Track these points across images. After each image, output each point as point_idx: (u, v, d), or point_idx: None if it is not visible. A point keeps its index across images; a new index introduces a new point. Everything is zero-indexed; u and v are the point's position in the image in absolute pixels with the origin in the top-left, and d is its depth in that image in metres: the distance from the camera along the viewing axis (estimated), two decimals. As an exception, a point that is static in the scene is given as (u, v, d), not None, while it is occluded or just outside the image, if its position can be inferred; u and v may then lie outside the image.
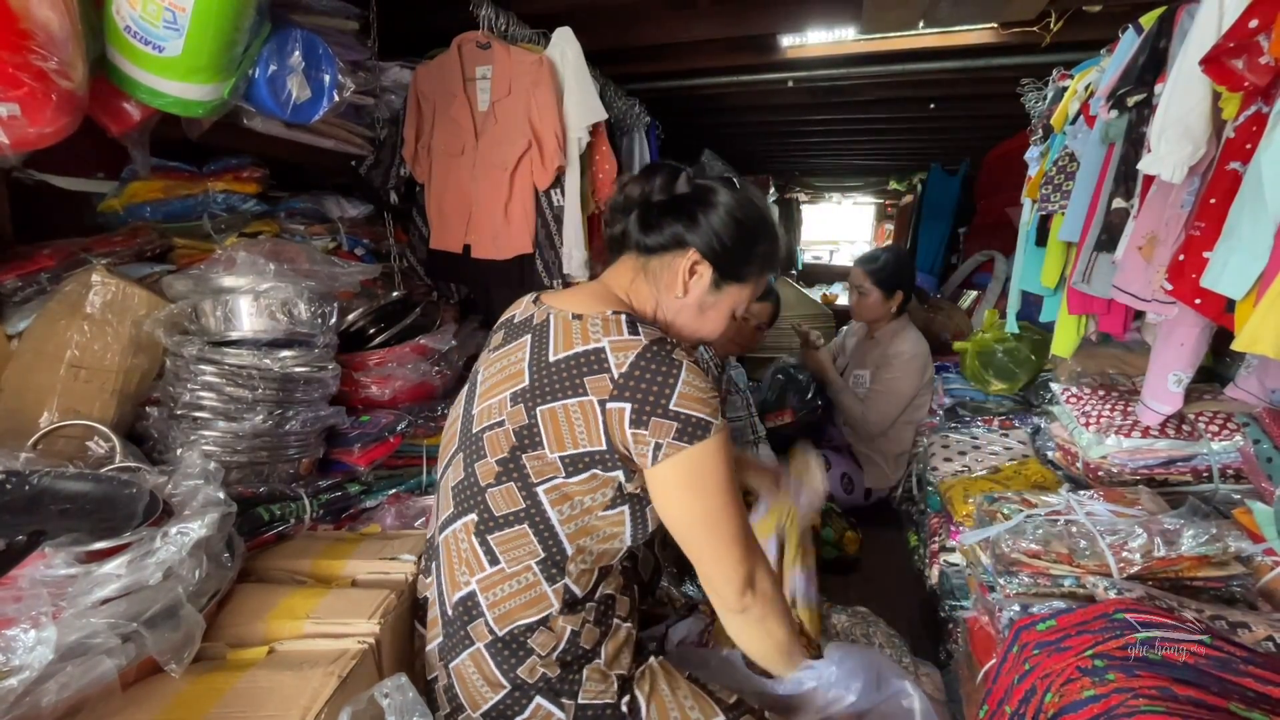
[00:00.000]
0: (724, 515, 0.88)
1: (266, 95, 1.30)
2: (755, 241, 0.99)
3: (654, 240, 0.96)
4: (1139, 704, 0.76)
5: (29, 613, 0.74)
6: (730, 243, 0.95)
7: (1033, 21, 1.95)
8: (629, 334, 0.87)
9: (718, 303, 1.00)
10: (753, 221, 0.98)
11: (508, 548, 0.88)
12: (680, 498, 0.87)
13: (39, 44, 0.90)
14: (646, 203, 0.97)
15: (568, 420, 0.85)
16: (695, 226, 0.95)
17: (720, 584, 0.91)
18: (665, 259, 0.97)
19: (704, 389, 0.85)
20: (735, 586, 0.90)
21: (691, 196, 0.96)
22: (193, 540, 0.89)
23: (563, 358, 0.87)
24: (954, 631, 1.47)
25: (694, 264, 0.96)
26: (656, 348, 0.86)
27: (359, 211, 1.95)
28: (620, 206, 1.01)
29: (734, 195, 0.97)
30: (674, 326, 1.00)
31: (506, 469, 0.88)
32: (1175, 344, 1.27)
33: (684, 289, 0.97)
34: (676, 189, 0.97)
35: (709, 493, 0.87)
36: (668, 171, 0.98)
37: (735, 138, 4.51)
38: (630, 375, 0.84)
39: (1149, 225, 1.20)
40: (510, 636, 0.87)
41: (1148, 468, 1.41)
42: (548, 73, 1.84)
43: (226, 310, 1.30)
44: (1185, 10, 1.15)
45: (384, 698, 0.77)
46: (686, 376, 0.85)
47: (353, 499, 1.39)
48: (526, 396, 0.87)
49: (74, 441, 1.18)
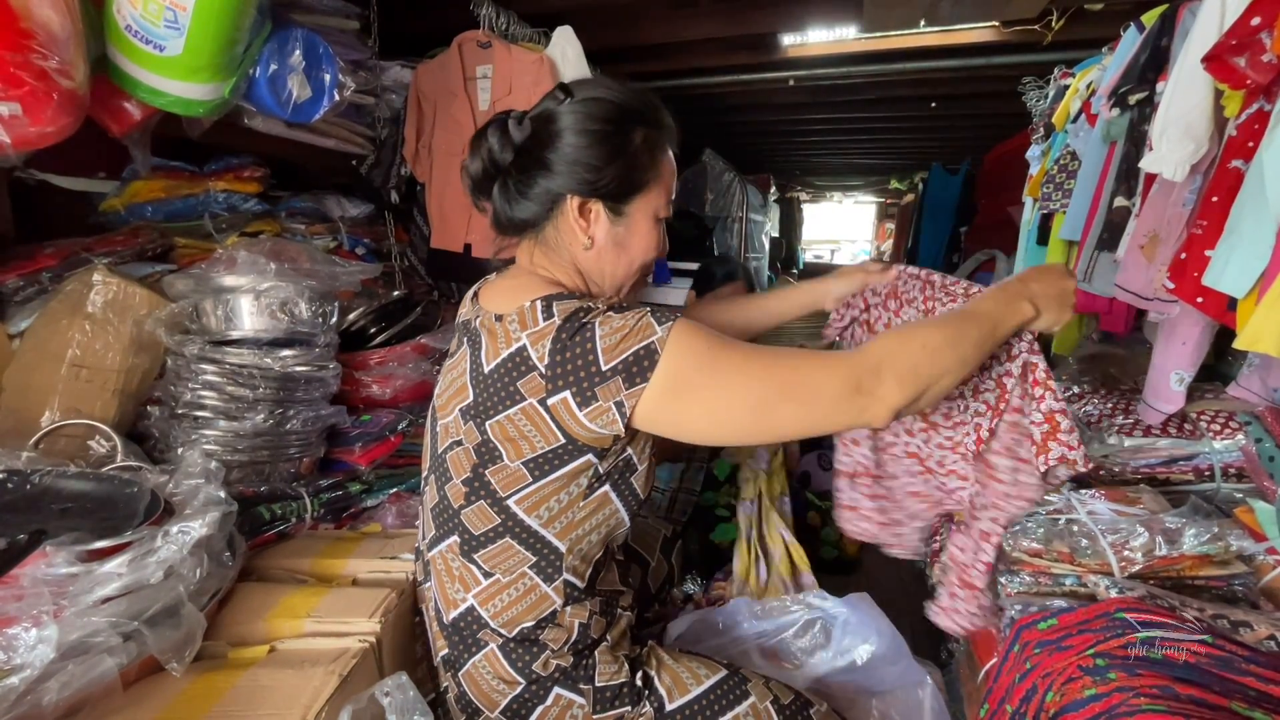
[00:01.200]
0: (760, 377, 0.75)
1: (267, 94, 1.30)
2: (627, 139, 0.84)
3: (527, 211, 0.86)
4: (1140, 703, 0.76)
5: (30, 611, 0.74)
6: (600, 162, 0.82)
7: (1034, 20, 1.95)
8: (543, 321, 0.78)
9: (631, 225, 0.88)
10: (611, 122, 0.83)
11: (497, 562, 0.85)
12: (695, 413, 0.76)
13: (40, 43, 0.90)
14: (496, 171, 0.86)
15: (517, 429, 0.80)
16: (554, 171, 0.83)
17: (842, 423, 0.77)
18: (552, 222, 0.86)
19: (623, 324, 0.75)
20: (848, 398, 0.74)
21: (535, 139, 0.84)
22: (194, 539, 0.89)
23: (494, 366, 0.80)
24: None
25: (580, 207, 0.85)
26: (569, 323, 0.76)
27: (360, 211, 1.95)
28: (475, 189, 0.90)
29: (574, 106, 0.83)
30: (605, 275, 0.90)
31: (473, 488, 0.84)
32: (1177, 343, 1.27)
33: (587, 238, 0.86)
34: (514, 139, 0.84)
35: (718, 378, 0.74)
36: (497, 125, 0.85)
37: (736, 137, 4.51)
38: (554, 364, 0.76)
39: (1151, 224, 1.20)
40: (521, 636, 0.86)
41: (1149, 466, 1.41)
42: (548, 72, 1.84)
43: (227, 309, 1.30)
44: (1187, 8, 1.15)
45: (384, 696, 0.77)
46: (600, 331, 0.75)
47: (354, 498, 1.39)
48: (474, 413, 0.82)
49: (75, 441, 1.18)
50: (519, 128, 0.84)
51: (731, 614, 1.15)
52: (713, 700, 0.88)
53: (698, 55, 2.53)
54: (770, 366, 0.76)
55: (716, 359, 0.75)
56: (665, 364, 0.74)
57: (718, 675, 0.91)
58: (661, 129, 0.89)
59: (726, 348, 0.76)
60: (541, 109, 0.86)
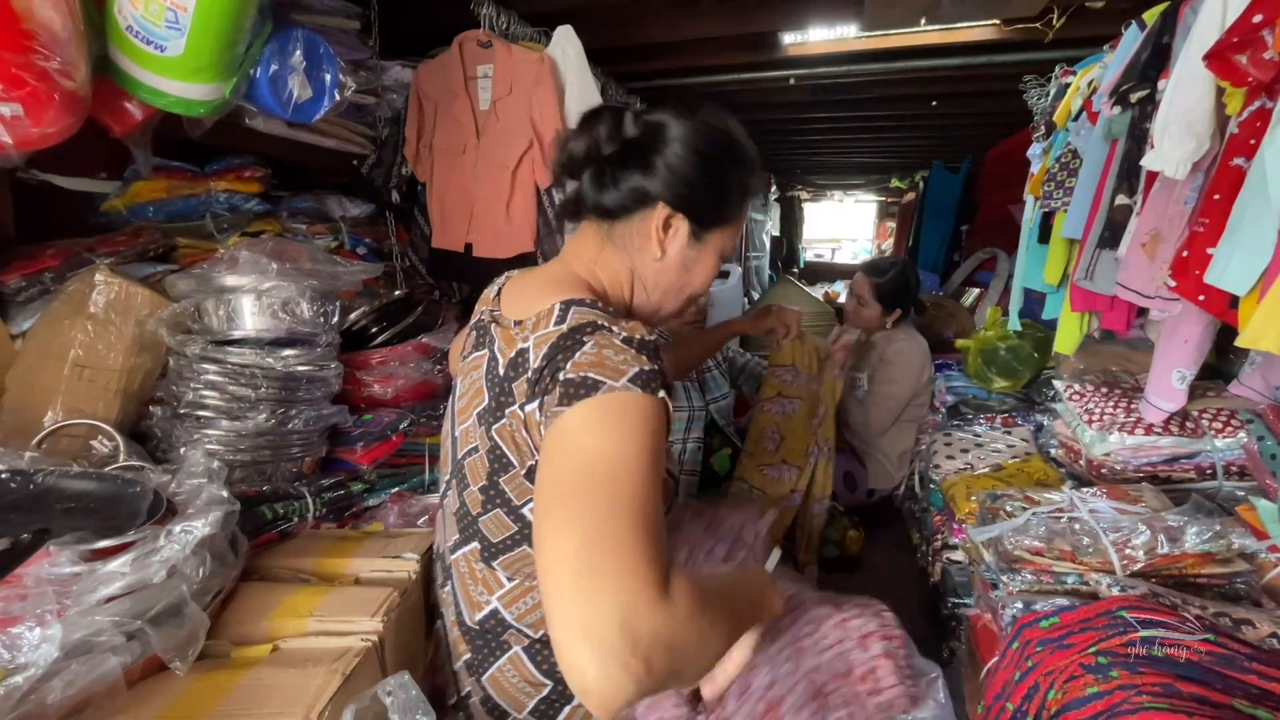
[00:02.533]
0: (598, 500, 0.57)
1: (268, 95, 1.30)
2: (728, 173, 0.85)
3: (612, 200, 0.83)
4: (1142, 701, 0.76)
5: (34, 611, 0.74)
6: (700, 183, 0.82)
7: (1035, 18, 1.95)
8: (554, 324, 0.74)
9: (702, 255, 0.88)
10: (720, 150, 0.84)
11: (517, 568, 0.84)
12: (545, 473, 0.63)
13: (42, 44, 0.91)
14: (595, 157, 0.84)
15: (514, 435, 0.77)
16: (655, 174, 0.81)
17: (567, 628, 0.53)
18: (631, 221, 0.84)
19: (609, 357, 0.67)
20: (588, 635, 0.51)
21: (643, 139, 0.82)
22: (196, 539, 0.89)
23: (504, 368, 0.79)
24: (957, 629, 1.47)
25: (666, 219, 0.83)
26: (574, 333, 0.71)
27: (361, 211, 1.95)
28: (566, 167, 0.87)
29: (691, 125, 0.83)
30: (659, 289, 0.89)
31: (489, 496, 0.82)
32: (1179, 341, 1.27)
33: (661, 249, 0.84)
34: (625, 134, 0.82)
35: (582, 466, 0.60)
36: (611, 115, 0.83)
37: (737, 136, 4.50)
38: (539, 369, 0.72)
39: (1152, 222, 1.20)
40: (547, 637, 0.83)
41: (1151, 465, 1.41)
42: (549, 71, 1.84)
43: (229, 309, 1.30)
44: (1189, 6, 1.15)
45: (387, 696, 0.77)
46: (590, 347, 0.68)
47: (356, 497, 1.39)
48: (486, 417, 0.81)
49: (78, 440, 1.18)
50: (633, 124, 0.83)
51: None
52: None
53: (698, 54, 2.53)
54: (619, 530, 0.56)
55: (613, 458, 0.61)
56: (586, 408, 0.63)
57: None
58: (756, 181, 0.91)
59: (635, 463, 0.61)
60: (657, 116, 0.85)
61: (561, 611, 0.54)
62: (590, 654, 0.51)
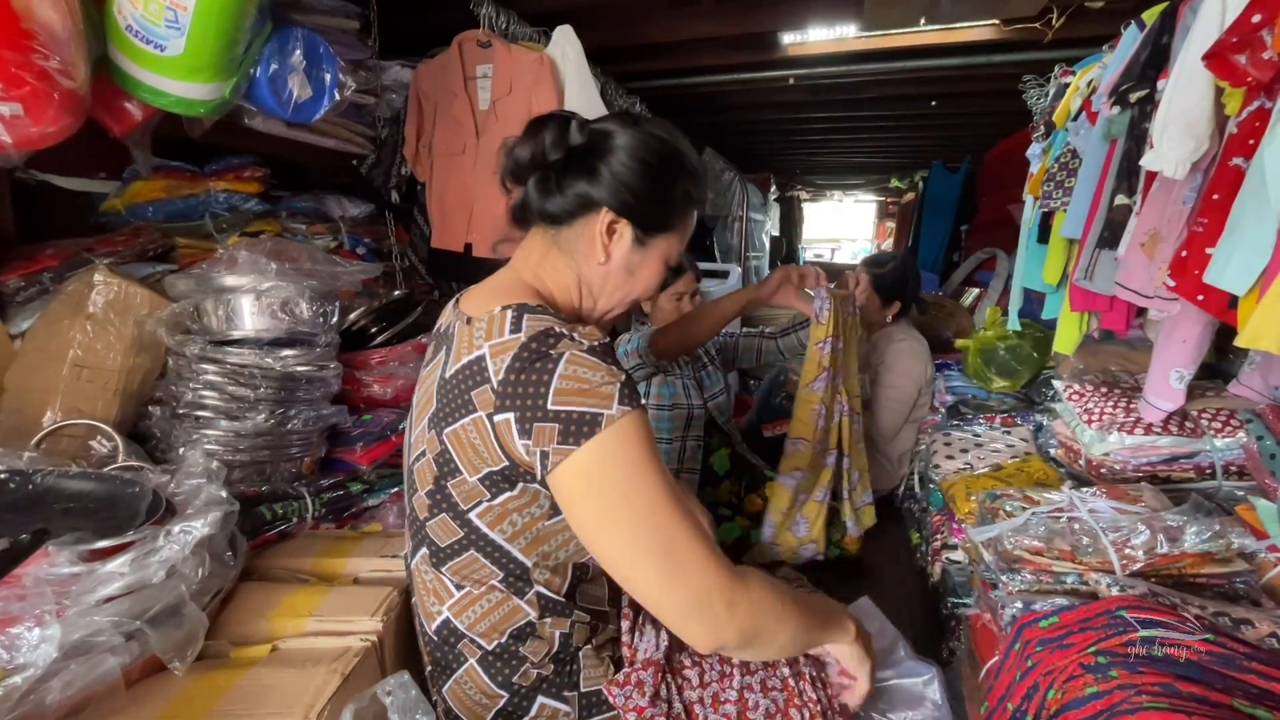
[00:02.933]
0: (641, 518, 0.71)
1: (268, 94, 1.30)
2: (672, 181, 0.88)
3: (558, 206, 0.86)
4: (1142, 700, 0.76)
5: (33, 611, 0.74)
6: (644, 190, 0.84)
7: (1035, 18, 1.95)
8: (509, 333, 0.76)
9: (646, 259, 0.90)
10: (663, 159, 0.86)
11: (464, 574, 0.84)
12: (582, 508, 0.73)
13: (41, 44, 0.91)
14: (541, 164, 0.86)
15: (468, 441, 0.77)
16: (599, 181, 0.84)
17: (672, 616, 0.73)
18: (576, 226, 0.86)
19: (588, 378, 0.72)
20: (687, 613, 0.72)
21: (588, 147, 0.85)
22: (195, 539, 0.89)
23: (454, 372, 0.79)
24: (956, 629, 1.47)
25: (610, 224, 0.85)
26: (534, 344, 0.74)
27: (360, 211, 1.95)
28: (512, 172, 0.89)
29: (636, 133, 0.85)
30: (603, 293, 0.91)
31: (435, 501, 0.83)
32: (1178, 341, 1.27)
33: (605, 254, 0.87)
34: (570, 141, 0.85)
35: (615, 495, 0.72)
36: (557, 123, 0.85)
37: (737, 136, 4.50)
38: (507, 381, 0.73)
39: (1151, 222, 1.20)
40: (501, 648, 0.84)
41: (1150, 464, 1.41)
42: (548, 71, 1.84)
43: (228, 309, 1.30)
44: (1188, 6, 1.15)
45: (386, 695, 0.77)
46: (565, 369, 0.72)
47: (355, 497, 1.39)
48: (436, 421, 0.81)
49: (77, 441, 1.18)
50: (579, 131, 0.85)
51: None
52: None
53: (698, 54, 2.53)
54: (669, 526, 0.72)
55: (636, 480, 0.72)
56: (597, 444, 0.71)
57: None
58: (700, 190, 0.94)
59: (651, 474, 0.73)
60: (603, 125, 0.87)
61: (667, 604, 0.72)
62: (700, 626, 0.72)
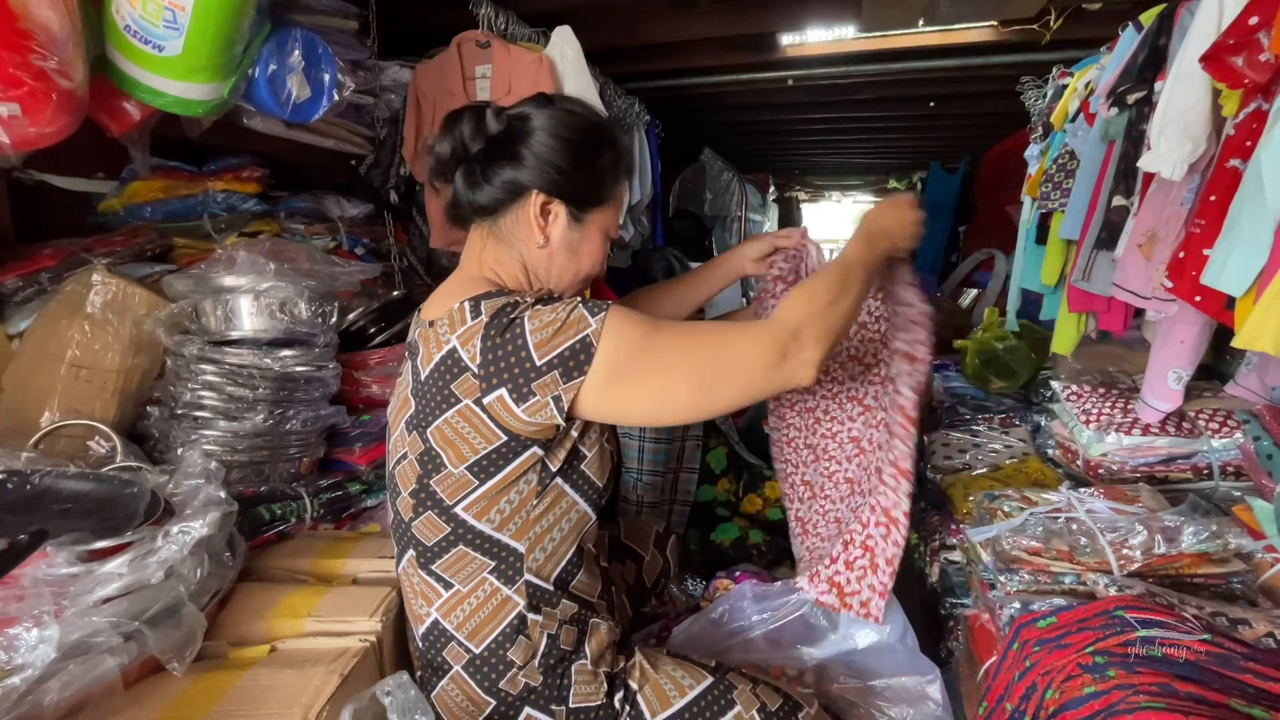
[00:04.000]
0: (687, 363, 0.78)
1: (266, 95, 1.30)
2: (596, 154, 0.89)
3: (487, 197, 0.87)
4: (1139, 700, 0.76)
5: (31, 612, 0.74)
6: (568, 166, 0.86)
7: (1033, 19, 1.95)
8: (470, 320, 0.79)
9: (586, 234, 0.92)
10: (583, 134, 0.88)
11: (455, 570, 0.85)
12: (635, 403, 0.79)
13: (39, 44, 0.90)
14: (463, 157, 0.87)
15: (456, 432, 0.80)
16: (523, 164, 0.85)
17: (773, 389, 0.82)
18: (511, 213, 0.88)
19: (553, 318, 0.77)
20: (774, 365, 0.79)
21: (508, 133, 0.86)
22: (194, 539, 0.89)
23: (429, 371, 0.82)
24: (954, 629, 1.47)
25: (543, 205, 0.87)
26: (496, 319, 0.78)
27: (359, 211, 1.95)
28: (436, 171, 0.90)
29: (552, 112, 0.87)
30: (551, 275, 0.92)
31: (420, 499, 0.84)
32: (1175, 341, 1.27)
33: (543, 236, 0.88)
34: (488, 130, 0.86)
35: (651, 370, 0.77)
36: (472, 114, 0.87)
37: (735, 136, 4.50)
38: (486, 362, 0.77)
39: (1149, 223, 1.20)
40: (488, 653, 0.85)
41: (1148, 465, 1.41)
42: (547, 72, 1.84)
43: (227, 310, 1.30)
44: (1185, 7, 1.15)
45: (386, 696, 0.77)
46: (530, 326, 0.76)
47: (354, 498, 1.39)
48: (415, 422, 0.83)
49: (75, 441, 1.18)
50: (495, 119, 0.86)
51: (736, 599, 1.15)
52: (697, 713, 0.87)
53: (696, 55, 2.53)
54: (703, 345, 0.79)
55: (653, 344, 0.78)
56: (602, 355, 0.76)
57: (703, 684, 0.89)
58: (622, 157, 0.95)
59: (660, 331, 0.79)
60: (518, 109, 0.89)
61: (759, 388, 0.81)
62: (799, 373, 0.80)
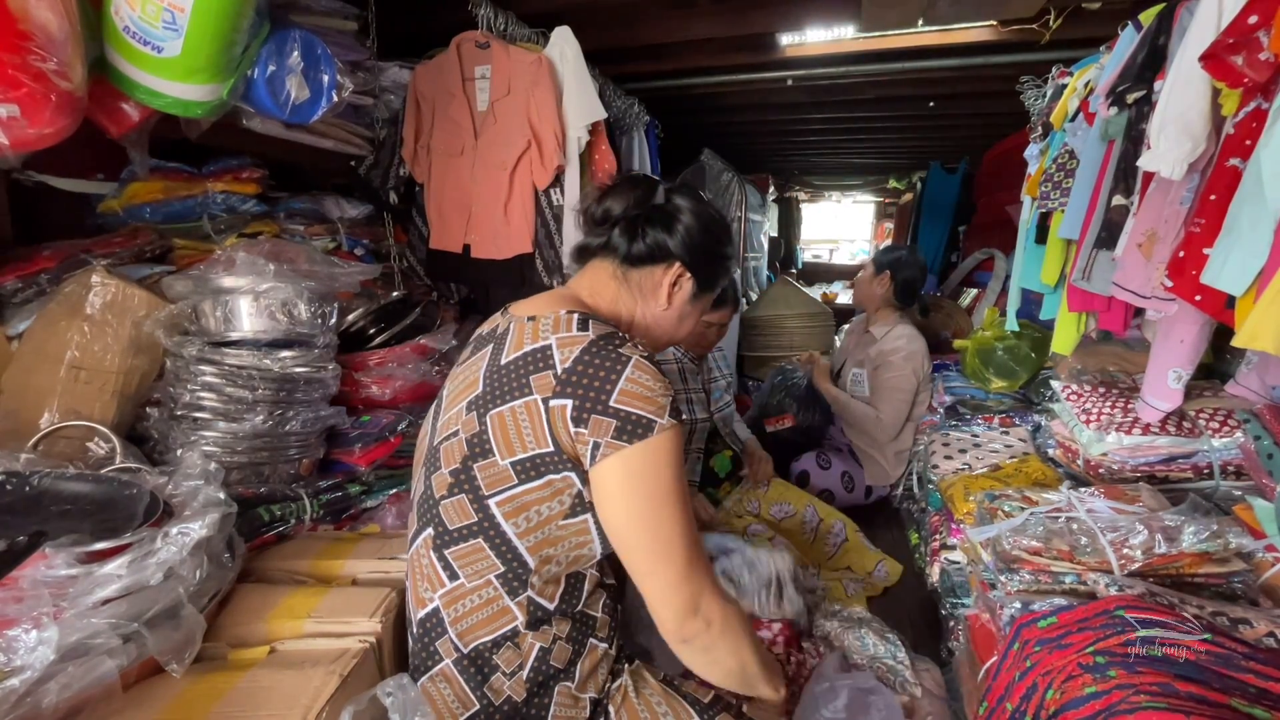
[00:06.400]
0: (664, 523, 0.82)
1: (265, 95, 1.30)
2: (724, 248, 1.03)
3: (640, 250, 0.98)
4: (1140, 700, 0.76)
5: (30, 613, 0.74)
6: (705, 251, 0.99)
7: (1032, 19, 1.95)
8: (577, 330, 0.86)
9: (693, 310, 1.05)
10: (719, 227, 1.02)
11: (465, 562, 0.85)
12: (617, 501, 0.82)
13: (38, 45, 0.90)
14: (631, 216, 0.98)
15: (515, 423, 0.82)
16: (675, 238, 0.97)
17: (658, 605, 0.83)
18: (647, 269, 0.99)
19: (651, 386, 0.82)
20: (674, 609, 0.83)
21: (669, 208, 0.98)
22: (193, 541, 0.89)
23: (513, 359, 0.85)
24: (955, 629, 1.47)
25: (678, 276, 0.98)
26: (603, 342, 0.84)
27: (358, 212, 1.95)
28: (601, 219, 1.01)
29: (700, 205, 1.00)
30: (651, 331, 1.02)
31: (458, 480, 0.85)
32: (1175, 341, 1.27)
33: (668, 301, 1.00)
34: (656, 200, 0.99)
35: (648, 496, 0.81)
36: (646, 184, 1.00)
37: (735, 136, 4.50)
38: (573, 370, 0.81)
39: (1149, 222, 1.20)
40: (475, 653, 0.85)
41: (1148, 465, 1.41)
42: (547, 72, 1.84)
43: (226, 311, 1.30)
44: (1185, 7, 1.15)
45: (386, 696, 0.77)
46: (632, 373, 0.82)
47: (353, 499, 1.39)
48: (479, 403, 0.86)
49: (74, 442, 1.18)
50: (662, 195, 0.99)
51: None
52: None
53: (696, 55, 2.53)
54: (685, 537, 0.84)
55: (671, 491, 0.83)
56: (646, 447, 0.80)
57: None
58: (735, 263, 1.12)
59: (681, 488, 0.84)
60: (678, 196, 1.00)
61: (665, 601, 0.83)
62: (679, 618, 0.83)
